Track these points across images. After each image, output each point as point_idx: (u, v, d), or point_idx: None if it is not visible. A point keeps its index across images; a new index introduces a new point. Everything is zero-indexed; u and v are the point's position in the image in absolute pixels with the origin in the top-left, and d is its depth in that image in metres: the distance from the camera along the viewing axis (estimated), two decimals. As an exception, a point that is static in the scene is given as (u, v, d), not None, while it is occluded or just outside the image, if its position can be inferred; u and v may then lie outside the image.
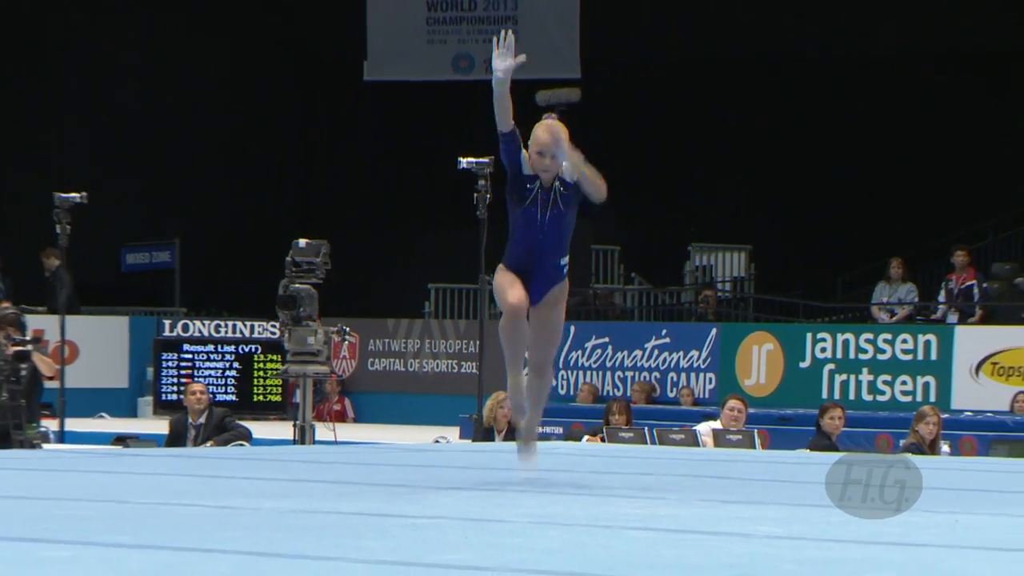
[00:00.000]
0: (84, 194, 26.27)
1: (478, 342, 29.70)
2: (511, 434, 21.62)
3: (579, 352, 33.03)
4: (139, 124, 37.08)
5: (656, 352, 32.22)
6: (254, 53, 38.45)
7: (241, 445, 23.55)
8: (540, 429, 12.43)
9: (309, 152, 38.15)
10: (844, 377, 30.66)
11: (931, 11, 37.50)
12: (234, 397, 31.05)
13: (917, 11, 37.35)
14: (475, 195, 25.79)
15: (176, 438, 24.31)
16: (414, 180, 32.26)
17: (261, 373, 31.71)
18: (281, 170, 37.51)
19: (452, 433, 27.24)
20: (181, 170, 35.56)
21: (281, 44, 39.32)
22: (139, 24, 38.83)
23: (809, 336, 31.23)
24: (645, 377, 31.96)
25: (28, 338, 24.84)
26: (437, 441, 25.23)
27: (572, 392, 31.90)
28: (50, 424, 25.58)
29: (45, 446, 23.82)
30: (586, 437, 26.78)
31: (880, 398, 30.37)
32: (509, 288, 13.27)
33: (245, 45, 38.33)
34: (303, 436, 24.24)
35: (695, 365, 31.96)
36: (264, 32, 39.16)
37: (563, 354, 32.63)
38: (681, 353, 32.11)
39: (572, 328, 32.65)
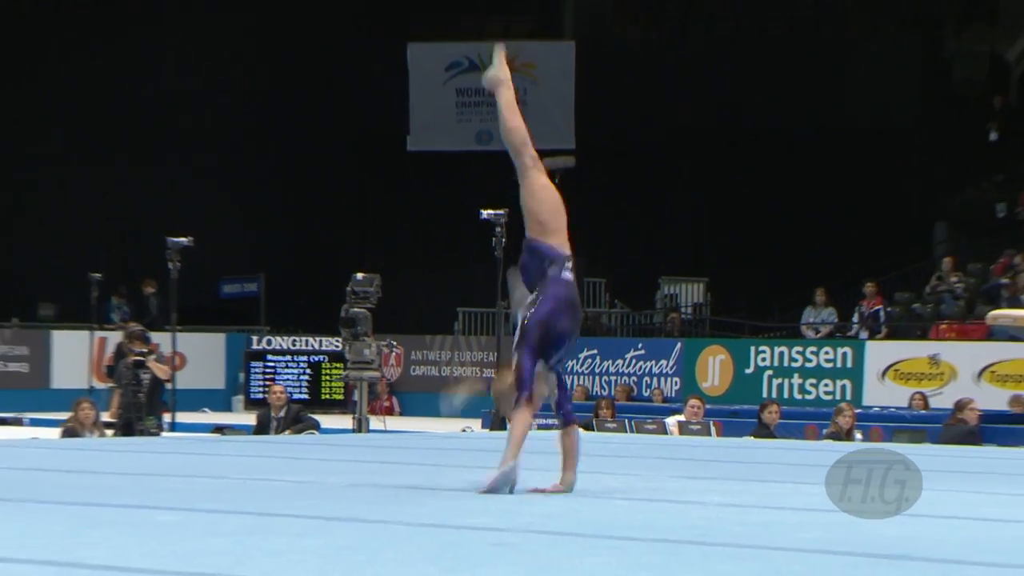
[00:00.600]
0: (191, 238, 26.39)
1: (496, 353, 29.74)
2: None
3: (574, 361, 32.39)
4: (230, 182, 36.96)
5: (634, 361, 32.19)
6: (326, 128, 38.14)
7: (312, 433, 23.51)
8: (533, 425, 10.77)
9: (365, 204, 38.03)
10: (779, 380, 30.66)
11: (845, 96, 37.68)
12: (306, 396, 31.03)
13: (836, 95, 37.44)
14: (493, 239, 25.87)
15: (261, 428, 24.26)
16: (446, 226, 32.20)
17: (327, 377, 31.74)
18: (343, 218, 37.33)
19: (476, 424, 27.23)
20: (266, 219, 35.51)
21: (346, 122, 38.59)
22: (229, 105, 38.40)
23: (752, 349, 31.26)
24: (625, 380, 31.84)
25: (146, 350, 24.90)
26: (464, 431, 25.18)
27: (569, 392, 32.05)
28: (167, 417, 25.54)
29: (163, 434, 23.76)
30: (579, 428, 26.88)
31: (807, 397, 30.39)
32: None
33: (318, 122, 38.00)
34: (360, 426, 24.34)
35: (664, 371, 31.93)
36: (333, 113, 38.69)
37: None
38: (653, 362, 32.08)
39: (568, 342, 32.14)
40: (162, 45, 39.86)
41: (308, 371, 32.16)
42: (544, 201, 9.92)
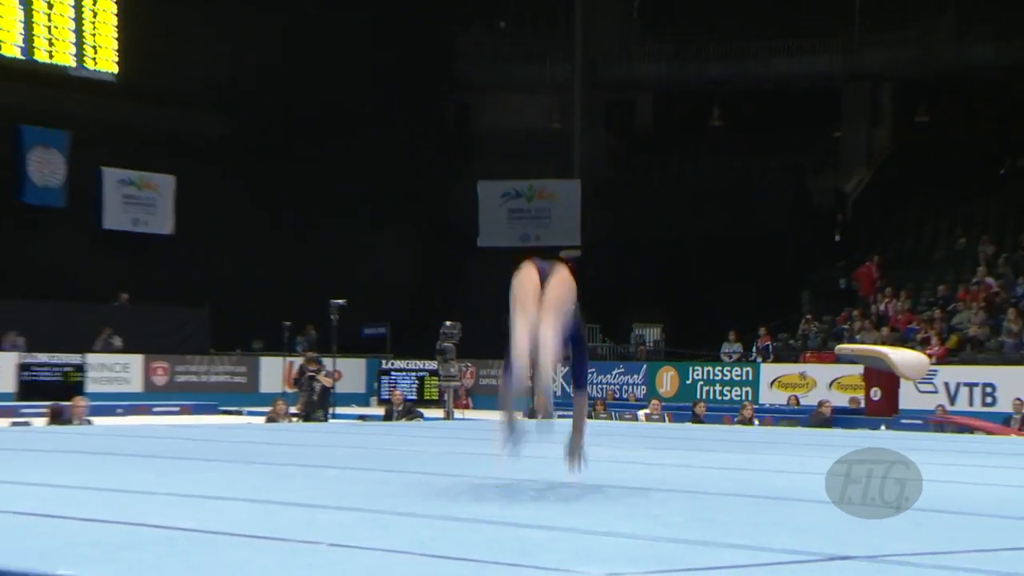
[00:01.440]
0: (345, 300, 26.52)
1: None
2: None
3: None
4: (370, 257, 35.13)
5: (616, 376, 31.89)
6: (427, 230, 37.09)
7: (418, 420, 23.02)
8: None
9: (452, 274, 36.95)
10: (707, 388, 30.40)
11: (749, 210, 36.89)
12: (415, 397, 30.50)
13: (744, 210, 36.79)
14: None
15: (387, 417, 24.10)
16: (501, 292, 30.37)
17: (428, 385, 31.42)
18: (438, 284, 35.93)
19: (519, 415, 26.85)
20: (390, 286, 34.20)
21: (433, 223, 37.81)
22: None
23: (691, 368, 31.06)
24: (611, 388, 31.44)
25: (317, 368, 25.18)
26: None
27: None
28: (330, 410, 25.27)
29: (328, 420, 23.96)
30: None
31: (724, 398, 30.12)
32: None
33: (423, 223, 36.87)
34: (448, 416, 24.60)
35: (635, 382, 31.56)
36: (425, 216, 37.43)
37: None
38: (628, 376, 31.82)
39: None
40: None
41: (416, 381, 32.00)
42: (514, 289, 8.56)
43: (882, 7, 37.93)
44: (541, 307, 8.52)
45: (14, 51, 32.71)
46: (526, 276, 8.66)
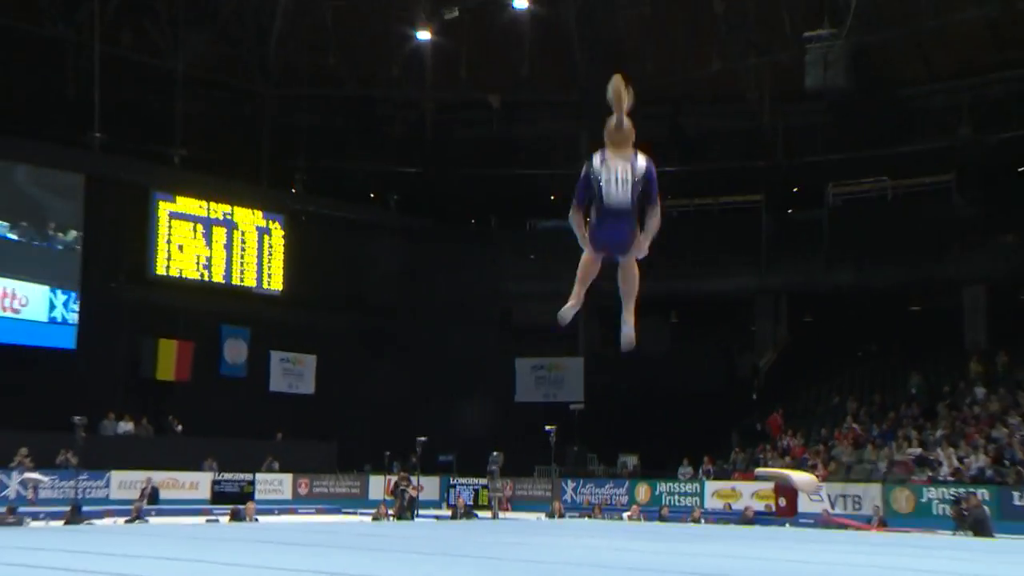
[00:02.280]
0: (426, 438, 26.42)
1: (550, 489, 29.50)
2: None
3: (580, 491, 30.94)
4: (432, 396, 34.08)
5: (609, 489, 30.84)
6: (481, 392, 35.06)
7: (473, 518, 22.87)
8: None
9: (501, 424, 34.22)
10: (669, 497, 29.28)
11: (695, 370, 36.58)
12: (472, 502, 29.36)
13: (692, 374, 36.35)
14: (551, 441, 25.86)
15: (454, 516, 23.97)
16: (533, 434, 28.87)
17: (482, 495, 30.28)
18: (488, 431, 33.03)
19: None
20: (455, 433, 32.29)
21: (487, 388, 36.05)
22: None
23: (658, 483, 30.06)
24: (605, 497, 30.19)
25: (407, 482, 24.94)
26: (538, 518, 24.15)
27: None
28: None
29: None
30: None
31: (681, 503, 28.76)
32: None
33: (478, 389, 35.11)
34: (494, 516, 24.39)
35: (621, 493, 30.47)
36: (482, 382, 35.62)
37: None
38: (617, 489, 30.72)
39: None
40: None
41: (473, 492, 30.95)
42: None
43: (779, 245, 37.99)
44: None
45: (220, 278, 33.55)
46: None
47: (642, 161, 6.51)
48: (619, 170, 6.42)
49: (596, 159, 6.53)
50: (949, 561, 9.91)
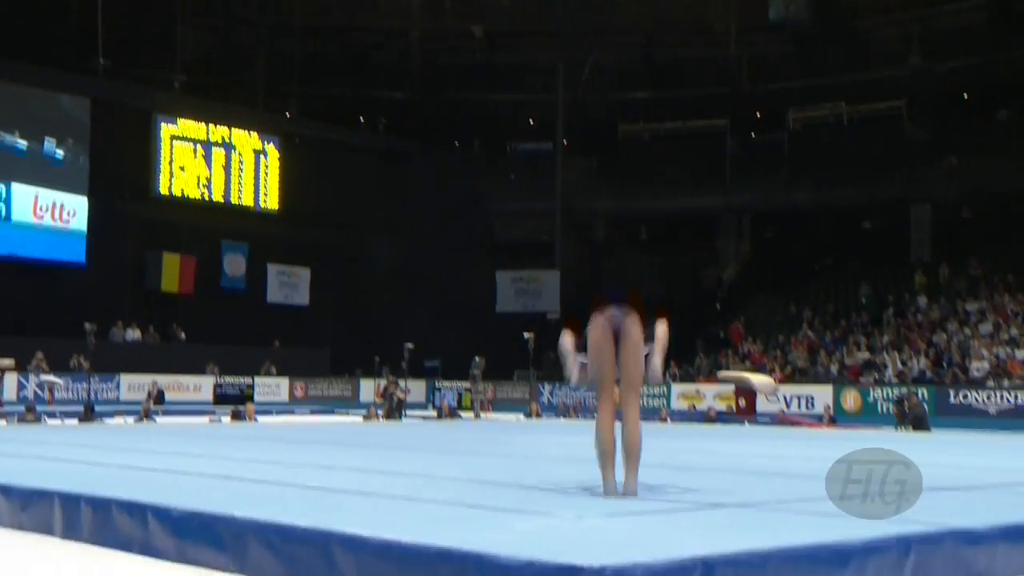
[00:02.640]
0: (413, 345, 26.46)
1: (528, 392, 29.81)
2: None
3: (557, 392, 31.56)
4: (432, 316, 33.07)
5: (583, 392, 29.97)
6: (463, 302, 35.12)
7: (458, 418, 22.46)
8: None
9: (479, 333, 34.04)
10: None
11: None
12: (456, 404, 29.34)
13: None
14: (529, 346, 26.06)
15: (439, 417, 23.84)
16: (513, 338, 28.18)
17: (465, 397, 30.11)
18: (471, 339, 32.72)
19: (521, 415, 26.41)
20: (441, 340, 31.88)
21: (468, 298, 36.21)
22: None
23: None
24: (581, 400, 29.89)
25: (397, 386, 25.02)
26: (519, 418, 23.81)
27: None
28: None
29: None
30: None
31: (649, 405, 27.14)
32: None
33: (460, 299, 35.06)
34: (476, 416, 24.32)
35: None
36: (463, 293, 35.76)
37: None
38: (593, 393, 30.50)
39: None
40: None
41: (458, 395, 31.00)
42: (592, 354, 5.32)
43: (743, 167, 37.87)
44: (624, 387, 5.43)
45: (220, 197, 33.28)
46: (602, 340, 5.43)
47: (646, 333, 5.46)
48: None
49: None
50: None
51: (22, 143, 29.05)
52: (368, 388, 30.39)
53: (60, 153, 29.82)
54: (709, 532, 4.27)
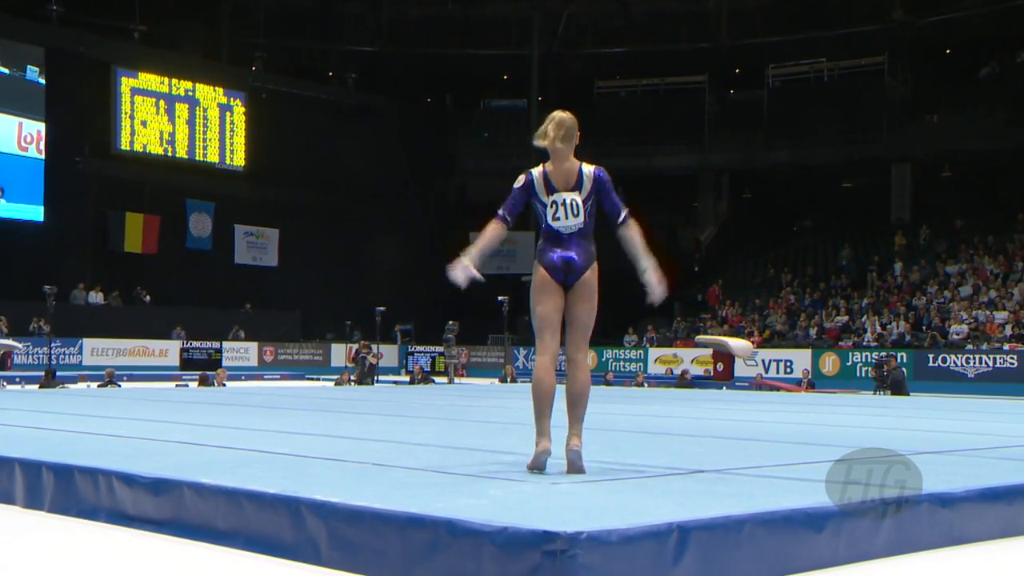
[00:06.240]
0: (386, 308, 26.13)
1: (503, 356, 29.81)
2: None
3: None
4: (408, 277, 34.31)
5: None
6: (437, 267, 35.99)
7: (431, 383, 22.54)
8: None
9: (454, 297, 35.94)
10: (615, 363, 29.44)
11: None
12: (430, 369, 29.41)
13: None
14: (504, 308, 26.08)
15: (412, 382, 23.75)
16: (487, 300, 28.44)
17: (439, 362, 30.12)
18: (445, 304, 33.37)
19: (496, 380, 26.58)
20: (415, 304, 32.21)
21: (442, 263, 36.87)
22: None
23: (604, 350, 29.88)
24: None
25: (367, 350, 25.02)
26: (492, 382, 24.10)
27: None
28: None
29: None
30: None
31: (625, 369, 28.85)
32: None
33: (434, 264, 36.24)
34: (450, 381, 24.47)
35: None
36: (437, 257, 36.55)
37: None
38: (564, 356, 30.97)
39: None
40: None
41: (431, 360, 30.93)
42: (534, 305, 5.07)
43: (721, 125, 37.87)
44: (570, 336, 5.16)
45: (184, 153, 32.75)
46: (548, 293, 5.07)
47: (588, 171, 5.10)
48: (566, 199, 5.04)
49: (538, 182, 5.12)
50: (869, 417, 10.29)
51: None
52: (340, 352, 30.38)
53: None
54: (685, 498, 4.30)
